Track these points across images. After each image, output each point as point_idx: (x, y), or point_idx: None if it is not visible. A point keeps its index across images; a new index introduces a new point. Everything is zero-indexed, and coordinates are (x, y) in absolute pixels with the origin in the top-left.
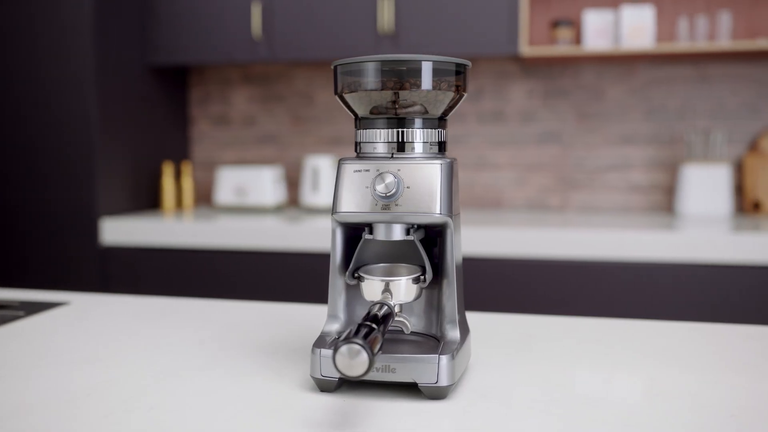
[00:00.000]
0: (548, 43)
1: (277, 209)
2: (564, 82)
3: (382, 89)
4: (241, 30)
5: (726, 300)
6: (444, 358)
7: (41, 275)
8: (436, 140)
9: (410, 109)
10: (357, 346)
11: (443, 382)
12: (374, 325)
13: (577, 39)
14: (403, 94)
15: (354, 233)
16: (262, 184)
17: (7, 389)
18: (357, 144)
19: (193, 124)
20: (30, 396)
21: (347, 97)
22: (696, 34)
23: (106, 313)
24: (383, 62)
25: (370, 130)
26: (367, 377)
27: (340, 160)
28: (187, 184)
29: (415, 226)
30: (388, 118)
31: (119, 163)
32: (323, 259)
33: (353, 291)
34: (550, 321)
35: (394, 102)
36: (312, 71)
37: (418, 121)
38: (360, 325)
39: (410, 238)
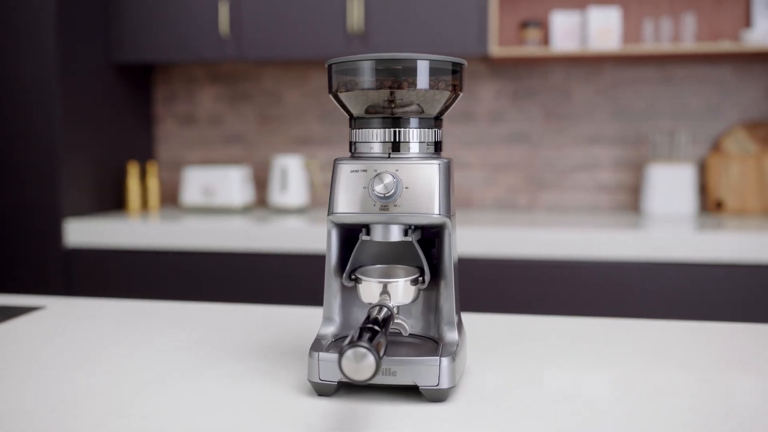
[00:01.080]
0: (517, 44)
1: (245, 210)
2: (532, 82)
3: (380, 88)
4: (209, 28)
5: (691, 298)
6: (445, 360)
7: (3, 278)
8: (432, 140)
9: (407, 109)
10: (363, 350)
11: (444, 384)
12: (377, 328)
13: (546, 40)
14: (400, 93)
15: (349, 234)
16: (230, 184)
17: None
18: (352, 144)
19: (159, 124)
20: (16, 404)
21: (342, 96)
22: (661, 36)
23: (84, 317)
24: (381, 61)
25: (366, 129)
26: (375, 381)
27: (335, 160)
28: (153, 184)
29: (413, 227)
30: (384, 118)
31: (83, 163)
32: (293, 259)
33: (348, 293)
34: (538, 320)
35: (390, 101)
36: (280, 70)
37: (414, 121)
38: (363, 329)
39: (408, 239)
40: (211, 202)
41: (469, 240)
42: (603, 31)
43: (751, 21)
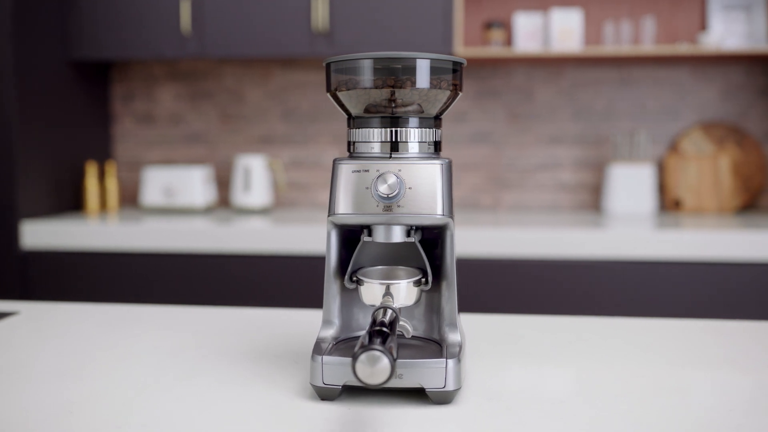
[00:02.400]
0: (481, 44)
1: (208, 210)
2: (495, 82)
3: (381, 87)
4: (170, 24)
5: (651, 295)
6: (451, 362)
7: None
8: (432, 140)
9: (407, 108)
10: (377, 353)
11: (450, 386)
12: (387, 331)
13: (509, 41)
14: (401, 92)
15: (348, 236)
16: (191, 184)
17: None
18: (350, 143)
19: (117, 123)
20: (8, 415)
21: (341, 95)
22: (621, 38)
23: (63, 322)
24: (382, 60)
25: (366, 129)
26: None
27: (335, 160)
28: (112, 184)
29: (414, 228)
30: (385, 117)
31: (40, 163)
32: (257, 261)
33: (347, 295)
34: (529, 320)
35: (391, 100)
36: (242, 68)
37: (415, 121)
38: (373, 332)
39: (411, 239)
40: (172, 202)
41: None
42: (565, 32)
43: (706, 24)
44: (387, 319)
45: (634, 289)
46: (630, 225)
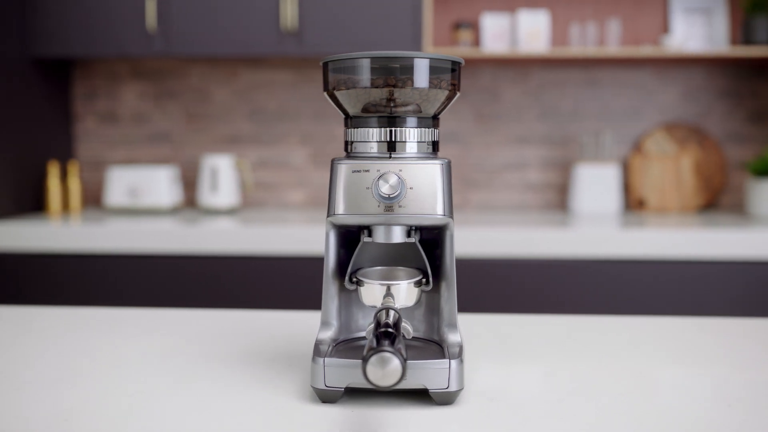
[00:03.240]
0: (450, 45)
1: (174, 211)
2: (463, 83)
3: (381, 86)
4: (135, 22)
5: (617, 293)
6: (454, 363)
7: None
8: (431, 140)
9: (406, 108)
10: (388, 355)
11: (453, 386)
12: (394, 332)
13: (477, 41)
14: (400, 91)
15: (345, 236)
16: (157, 184)
17: None
18: (348, 143)
19: (78, 122)
20: (2, 425)
21: (339, 94)
22: (586, 40)
23: (45, 327)
24: (381, 59)
25: (365, 129)
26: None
27: (333, 160)
28: (74, 185)
29: (414, 228)
30: (383, 117)
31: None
32: (224, 261)
33: (345, 296)
34: (511, 319)
35: (390, 100)
36: (208, 67)
37: (414, 120)
38: (380, 334)
39: (411, 240)
40: (137, 203)
41: None
42: (532, 33)
43: (668, 27)
44: (391, 320)
45: (600, 287)
46: (596, 224)
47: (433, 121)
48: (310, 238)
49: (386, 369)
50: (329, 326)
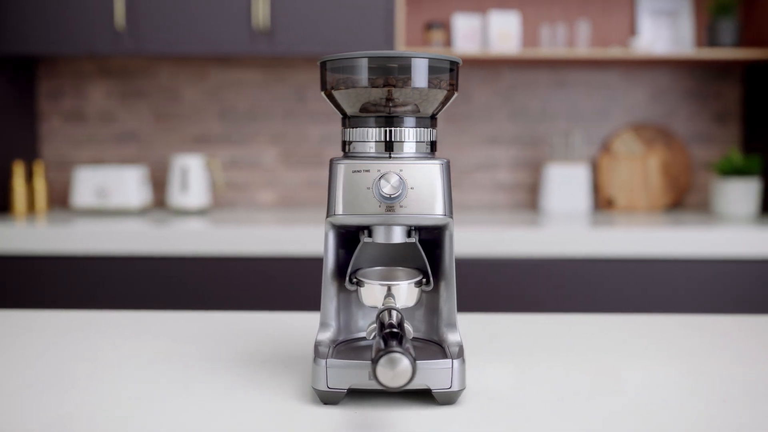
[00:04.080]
0: (422, 45)
1: (143, 211)
2: None
3: (382, 86)
4: (102, 19)
5: (585, 291)
6: (456, 363)
7: None
8: (429, 139)
9: (404, 108)
10: (398, 355)
11: (456, 386)
12: (400, 332)
13: (448, 41)
14: (400, 91)
15: (344, 237)
16: (126, 184)
17: None
18: (346, 143)
19: (44, 121)
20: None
21: (338, 94)
22: (556, 41)
23: (25, 331)
24: (380, 59)
25: (363, 128)
26: (380, 386)
27: (332, 160)
28: (40, 185)
29: (415, 228)
30: (382, 117)
31: None
32: (195, 263)
33: (343, 297)
34: (498, 318)
35: (389, 99)
36: (177, 66)
37: (413, 120)
38: (387, 335)
39: (412, 240)
40: (105, 203)
41: None
42: (503, 34)
43: (635, 29)
44: (394, 320)
45: (570, 286)
46: (566, 223)
47: (431, 121)
48: (282, 238)
49: (396, 370)
50: (328, 327)
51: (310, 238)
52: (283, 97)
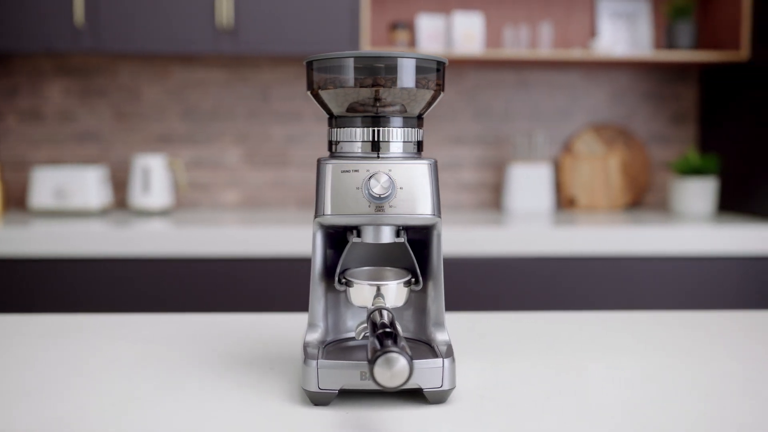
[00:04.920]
0: (387, 45)
1: (103, 212)
2: None
3: (369, 86)
4: (61, 15)
5: (549, 289)
6: (447, 362)
7: None
8: (416, 139)
9: (392, 108)
10: (395, 355)
11: (447, 385)
12: (393, 331)
13: (413, 42)
14: (388, 91)
15: (331, 237)
16: (86, 185)
17: None
18: (333, 143)
19: None
20: None
21: (324, 94)
22: (519, 43)
23: (4, 335)
24: (367, 58)
25: (352, 128)
26: (371, 386)
27: (320, 160)
28: None
29: (403, 228)
30: (369, 117)
31: None
32: (158, 264)
33: (332, 298)
34: (480, 317)
35: (376, 99)
36: (138, 65)
37: (400, 120)
38: (381, 335)
39: (401, 240)
40: (64, 204)
41: None
42: (467, 35)
43: (596, 31)
44: (386, 320)
45: (533, 284)
46: (529, 222)
47: (418, 121)
48: (246, 239)
49: (394, 369)
50: (316, 328)
51: (275, 239)
52: (247, 97)
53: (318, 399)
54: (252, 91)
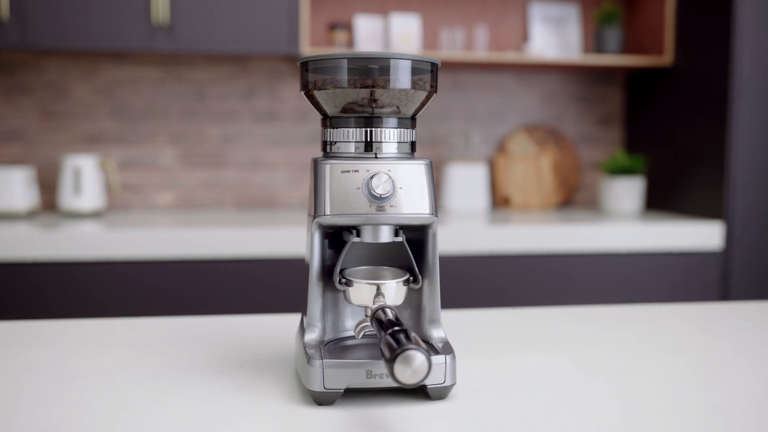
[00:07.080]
0: (325, 45)
1: (30, 215)
2: None
3: (364, 87)
4: None
5: (485, 286)
6: (449, 358)
7: None
8: (410, 140)
9: (386, 109)
10: (413, 352)
11: (448, 381)
12: (405, 327)
13: (351, 42)
14: (383, 92)
15: (327, 237)
16: (11, 186)
17: None
18: (328, 143)
19: None
20: None
21: (319, 95)
22: (455, 45)
23: None
24: (362, 59)
25: (347, 129)
26: (376, 384)
27: (317, 161)
28: None
29: (400, 227)
30: (364, 117)
31: None
32: (89, 267)
33: (329, 297)
34: (462, 313)
35: (372, 100)
36: (65, 61)
37: (395, 121)
38: (394, 332)
39: (399, 239)
40: None
41: (274, 241)
42: (404, 36)
43: (527, 35)
44: (393, 317)
45: (470, 281)
46: (466, 221)
47: (412, 121)
48: (181, 240)
49: (413, 366)
50: (314, 328)
51: (211, 241)
52: (181, 96)
53: (323, 399)
54: (187, 90)
